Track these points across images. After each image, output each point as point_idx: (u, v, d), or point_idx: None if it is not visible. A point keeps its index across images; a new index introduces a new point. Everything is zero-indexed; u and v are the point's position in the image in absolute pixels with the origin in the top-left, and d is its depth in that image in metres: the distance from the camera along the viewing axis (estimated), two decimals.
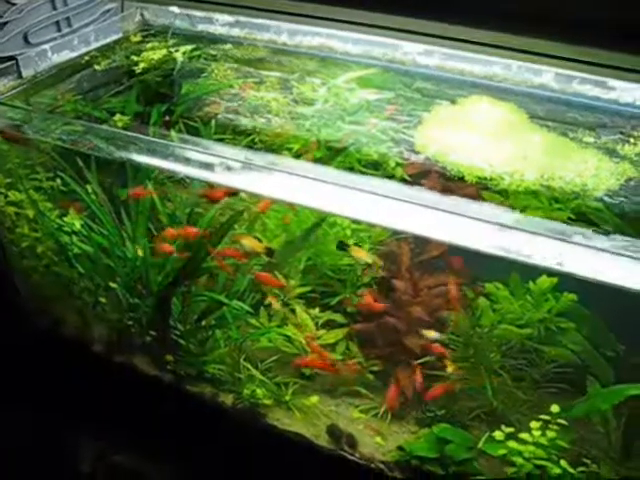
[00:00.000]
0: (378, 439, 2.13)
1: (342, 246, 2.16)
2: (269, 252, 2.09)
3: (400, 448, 2.07)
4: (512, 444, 1.90)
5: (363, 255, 2.13)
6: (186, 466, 2.32)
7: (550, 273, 1.98)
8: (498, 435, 1.92)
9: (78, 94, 2.39)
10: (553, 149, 2.13)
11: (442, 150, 2.13)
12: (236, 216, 2.14)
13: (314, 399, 2.16)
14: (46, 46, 2.35)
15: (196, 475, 2.31)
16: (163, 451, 2.37)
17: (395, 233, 2.23)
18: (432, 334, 2.09)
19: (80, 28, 2.46)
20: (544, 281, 2.06)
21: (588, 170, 2.03)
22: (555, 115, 2.26)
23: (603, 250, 1.66)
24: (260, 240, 2.17)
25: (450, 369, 2.06)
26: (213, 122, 2.31)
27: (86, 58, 2.50)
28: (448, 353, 2.08)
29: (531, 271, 1.99)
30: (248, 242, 2.09)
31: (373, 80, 2.43)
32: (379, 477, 2.09)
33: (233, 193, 2.12)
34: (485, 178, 2.03)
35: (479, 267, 2.10)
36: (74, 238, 2.32)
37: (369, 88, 2.40)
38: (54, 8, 2.34)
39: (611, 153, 2.07)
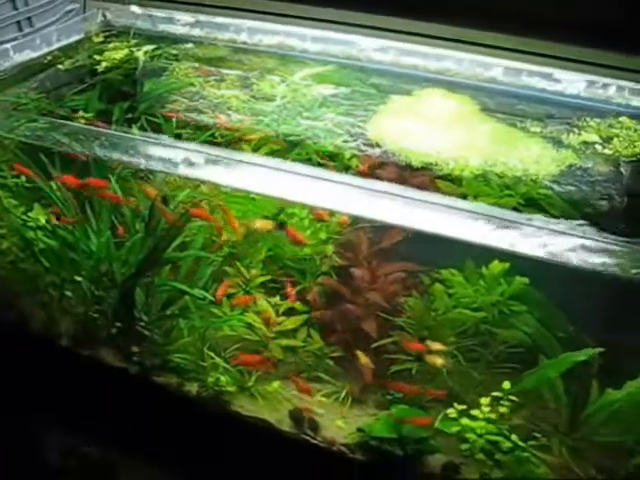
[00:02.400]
0: (339, 422, 2.19)
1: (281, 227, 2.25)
2: (164, 200, 2.20)
3: (360, 430, 2.13)
4: (465, 421, 1.98)
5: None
6: (154, 455, 2.37)
7: (504, 256, 2.06)
8: (452, 413, 2.00)
9: (41, 92, 2.43)
10: (504, 139, 2.23)
11: (396, 142, 2.22)
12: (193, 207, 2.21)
13: (276, 384, 2.22)
14: (8, 45, 2.40)
15: (164, 463, 2.35)
16: (132, 441, 2.40)
17: (353, 222, 2.30)
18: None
19: (42, 28, 2.51)
20: (496, 266, 2.13)
21: (537, 158, 2.13)
22: (505, 107, 2.36)
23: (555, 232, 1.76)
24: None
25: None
26: (174, 118, 2.38)
27: (48, 58, 2.56)
28: None
29: (487, 256, 2.09)
30: (147, 189, 2.21)
31: (330, 76, 2.52)
32: (341, 459, 2.15)
33: None
34: (438, 167, 2.12)
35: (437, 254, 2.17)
36: (39, 233, 2.36)
37: (326, 84, 2.48)
38: (15, 8, 2.40)
39: (556, 142, 2.18)
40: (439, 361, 2.09)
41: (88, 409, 2.42)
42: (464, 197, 2.02)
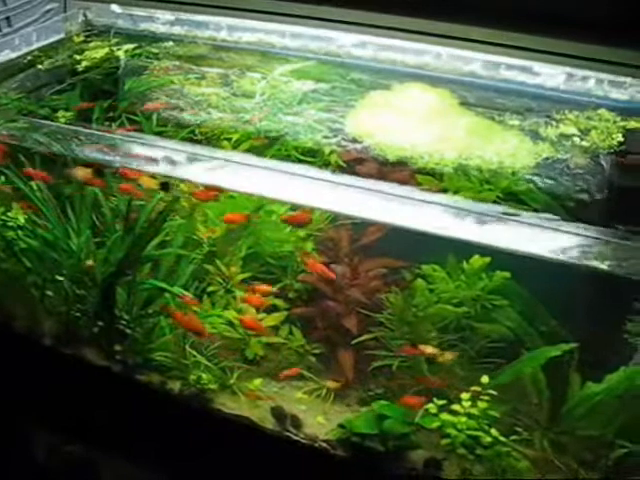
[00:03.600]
0: (320, 419, 2.19)
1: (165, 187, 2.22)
2: (98, 172, 2.21)
3: (341, 426, 2.13)
4: (445, 416, 1.98)
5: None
6: (137, 453, 2.37)
7: (485, 251, 2.05)
8: (432, 408, 2.00)
9: (21, 92, 2.43)
10: (484, 133, 2.22)
11: (377, 137, 2.21)
12: (172, 205, 2.21)
13: (257, 382, 2.22)
14: None
15: (147, 461, 2.35)
16: (115, 439, 2.40)
17: (334, 220, 2.30)
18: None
19: (21, 28, 2.50)
20: (476, 260, 2.13)
21: (516, 151, 2.13)
22: (484, 101, 2.35)
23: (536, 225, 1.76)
24: None
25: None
26: (155, 116, 2.38)
27: (28, 58, 2.55)
28: None
29: (469, 251, 2.09)
30: (80, 172, 2.23)
31: (310, 72, 2.51)
32: (323, 455, 2.15)
33: None
34: (419, 162, 2.11)
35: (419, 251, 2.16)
36: (20, 233, 2.36)
37: (306, 80, 2.48)
38: None
39: (534, 135, 2.17)
40: (448, 357, 2.09)
41: (71, 408, 2.42)
42: (445, 191, 2.01)
